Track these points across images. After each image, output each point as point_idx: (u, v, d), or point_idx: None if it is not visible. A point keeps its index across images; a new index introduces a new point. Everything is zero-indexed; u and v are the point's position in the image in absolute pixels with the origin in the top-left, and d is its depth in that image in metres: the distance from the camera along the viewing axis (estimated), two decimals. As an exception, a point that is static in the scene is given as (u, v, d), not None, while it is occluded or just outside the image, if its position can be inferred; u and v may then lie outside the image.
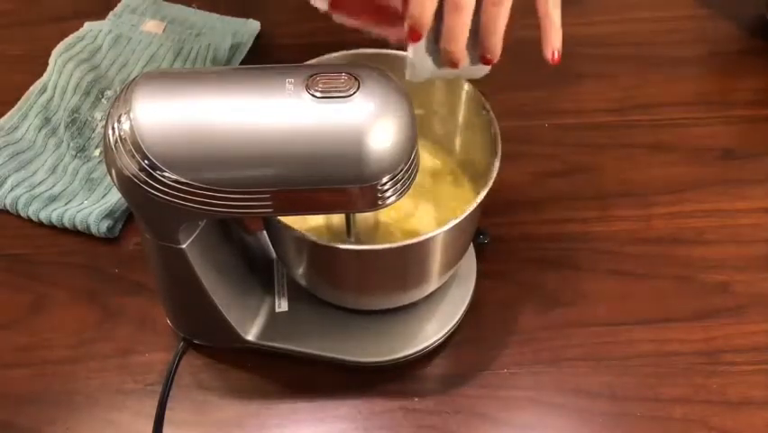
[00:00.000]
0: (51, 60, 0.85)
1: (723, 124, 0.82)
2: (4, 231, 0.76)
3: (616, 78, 0.86)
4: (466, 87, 0.62)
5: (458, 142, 0.68)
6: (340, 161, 0.47)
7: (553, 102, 0.83)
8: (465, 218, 0.55)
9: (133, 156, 0.47)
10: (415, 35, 0.51)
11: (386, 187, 0.49)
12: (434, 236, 0.54)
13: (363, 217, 0.63)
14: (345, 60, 0.62)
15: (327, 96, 0.47)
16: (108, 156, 0.49)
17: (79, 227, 0.73)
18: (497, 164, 0.57)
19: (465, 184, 0.68)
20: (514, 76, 0.80)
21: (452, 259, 0.62)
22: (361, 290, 0.62)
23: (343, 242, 0.57)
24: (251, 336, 0.64)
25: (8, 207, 0.76)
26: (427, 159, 0.69)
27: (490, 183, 0.56)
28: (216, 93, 0.48)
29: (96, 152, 0.79)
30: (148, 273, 0.69)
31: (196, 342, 0.66)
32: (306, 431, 0.63)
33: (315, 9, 0.62)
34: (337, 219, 0.64)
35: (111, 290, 0.71)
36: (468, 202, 0.56)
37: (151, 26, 0.89)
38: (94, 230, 0.73)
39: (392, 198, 0.50)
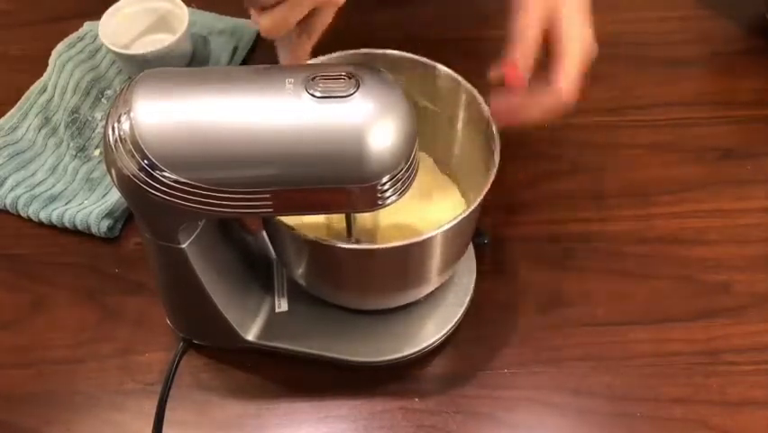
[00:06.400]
0: (51, 60, 0.85)
1: (723, 124, 0.82)
2: (4, 231, 0.76)
3: (616, 78, 0.86)
4: (465, 85, 0.62)
5: (457, 141, 0.67)
6: (340, 160, 0.47)
7: (553, 102, 0.83)
8: (464, 218, 0.55)
9: (133, 156, 0.47)
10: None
11: (386, 186, 0.49)
12: (433, 236, 0.54)
13: (363, 217, 0.63)
14: (345, 60, 0.62)
15: (327, 95, 0.47)
16: (108, 156, 0.49)
17: (79, 227, 0.73)
18: (496, 163, 0.57)
19: (464, 183, 0.68)
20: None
21: (452, 259, 0.62)
22: (361, 289, 0.62)
23: (343, 242, 0.57)
24: (251, 336, 0.64)
25: (8, 207, 0.76)
26: (426, 158, 0.69)
27: (489, 183, 0.56)
28: (216, 93, 0.48)
29: (96, 152, 0.79)
30: (148, 273, 0.69)
31: (196, 342, 0.66)
32: (306, 431, 0.63)
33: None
34: (337, 220, 0.64)
35: (111, 290, 0.71)
36: (467, 202, 0.56)
37: (151, 26, 0.89)
38: (94, 230, 0.73)
39: (392, 198, 0.50)
